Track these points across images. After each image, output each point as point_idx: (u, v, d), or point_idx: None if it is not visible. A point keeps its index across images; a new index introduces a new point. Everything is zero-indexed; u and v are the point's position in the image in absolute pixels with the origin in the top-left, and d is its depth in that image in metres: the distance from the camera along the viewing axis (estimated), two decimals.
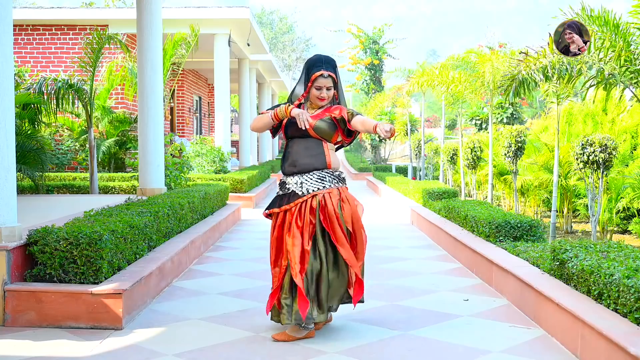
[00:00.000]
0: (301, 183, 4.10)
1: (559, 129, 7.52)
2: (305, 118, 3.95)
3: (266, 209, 4.23)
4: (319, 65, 4.12)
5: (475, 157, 10.80)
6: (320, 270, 4.05)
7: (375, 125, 3.89)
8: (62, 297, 4.26)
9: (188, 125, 21.42)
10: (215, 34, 15.18)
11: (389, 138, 3.89)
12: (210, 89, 25.42)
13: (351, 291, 4.13)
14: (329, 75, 4.11)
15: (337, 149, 4.36)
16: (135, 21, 8.77)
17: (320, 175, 4.12)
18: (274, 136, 4.42)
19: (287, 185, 4.17)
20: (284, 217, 4.12)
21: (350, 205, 4.15)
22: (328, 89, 4.13)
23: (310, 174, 4.11)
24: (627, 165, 9.64)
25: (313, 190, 4.08)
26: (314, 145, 4.14)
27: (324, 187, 4.10)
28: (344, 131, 4.19)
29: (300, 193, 4.09)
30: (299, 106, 4.17)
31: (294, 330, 4.09)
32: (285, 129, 4.19)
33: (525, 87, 7.54)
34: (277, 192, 4.26)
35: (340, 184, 4.17)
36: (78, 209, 6.63)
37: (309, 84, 4.12)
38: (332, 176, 4.14)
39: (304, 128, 3.97)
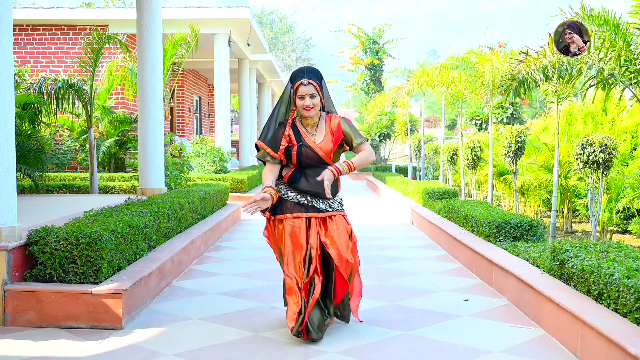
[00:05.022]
0: (327, 202, 4.18)
1: (559, 128, 7.52)
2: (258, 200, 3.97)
3: (274, 214, 4.15)
4: (300, 76, 4.12)
5: (475, 157, 10.79)
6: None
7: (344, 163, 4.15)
8: (62, 297, 4.27)
9: (188, 125, 21.42)
10: (215, 34, 15.18)
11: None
12: (210, 89, 25.41)
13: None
14: (309, 83, 4.07)
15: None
16: (135, 21, 8.77)
17: (338, 199, 4.27)
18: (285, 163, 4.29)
19: (308, 199, 4.15)
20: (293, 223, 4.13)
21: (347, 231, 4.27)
22: (311, 96, 4.09)
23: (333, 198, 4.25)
24: (627, 165, 9.63)
25: (335, 210, 4.18)
26: None
27: (342, 209, 4.27)
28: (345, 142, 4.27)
29: (323, 208, 4.15)
30: (286, 122, 4.20)
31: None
32: (298, 158, 4.13)
33: (525, 87, 7.52)
34: (289, 198, 4.14)
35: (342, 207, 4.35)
36: (78, 209, 6.63)
37: (294, 96, 4.13)
38: (339, 201, 4.30)
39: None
